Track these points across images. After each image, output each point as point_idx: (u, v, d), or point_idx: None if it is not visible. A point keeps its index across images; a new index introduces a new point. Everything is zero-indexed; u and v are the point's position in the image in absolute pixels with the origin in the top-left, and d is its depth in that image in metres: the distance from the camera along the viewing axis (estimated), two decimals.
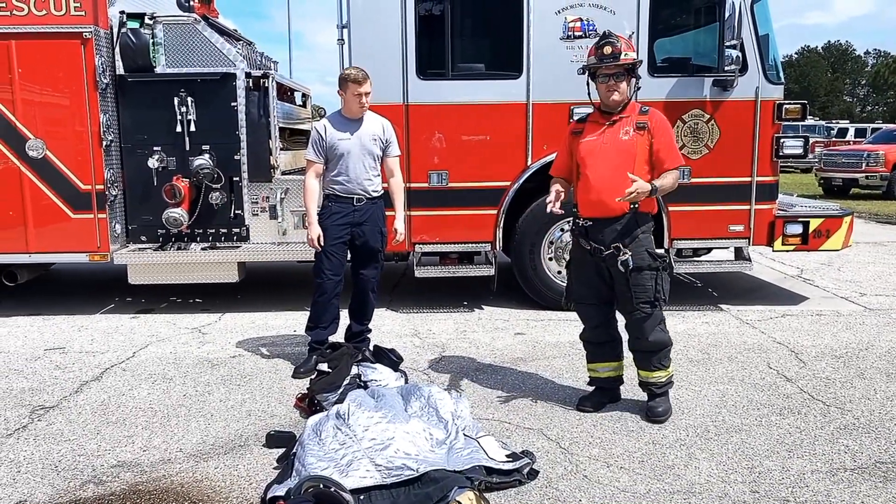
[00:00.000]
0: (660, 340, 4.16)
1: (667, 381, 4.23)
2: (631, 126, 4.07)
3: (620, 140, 4.07)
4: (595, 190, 4.08)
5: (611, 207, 4.03)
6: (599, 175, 4.07)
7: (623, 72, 4.05)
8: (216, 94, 6.47)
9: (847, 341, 5.69)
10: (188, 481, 3.49)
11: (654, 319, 4.13)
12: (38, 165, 6.33)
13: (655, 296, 4.08)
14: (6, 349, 5.70)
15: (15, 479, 3.53)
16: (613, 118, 4.12)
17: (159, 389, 4.75)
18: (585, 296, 4.32)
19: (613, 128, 4.11)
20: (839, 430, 4.01)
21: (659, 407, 4.19)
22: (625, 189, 3.88)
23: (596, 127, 4.17)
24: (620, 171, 3.98)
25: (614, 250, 4.03)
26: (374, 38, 6.32)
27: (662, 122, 4.13)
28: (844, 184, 18.39)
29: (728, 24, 6.13)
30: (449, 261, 6.78)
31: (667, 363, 4.22)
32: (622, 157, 4.04)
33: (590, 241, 4.14)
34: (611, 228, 4.07)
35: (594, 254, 4.12)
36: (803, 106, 6.55)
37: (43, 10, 6.23)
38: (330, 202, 4.98)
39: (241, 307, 6.96)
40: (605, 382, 4.40)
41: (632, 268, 4.02)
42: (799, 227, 6.66)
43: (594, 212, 4.11)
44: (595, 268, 4.19)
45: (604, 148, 4.09)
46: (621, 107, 4.12)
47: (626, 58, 4.03)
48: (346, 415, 3.51)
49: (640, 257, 4.04)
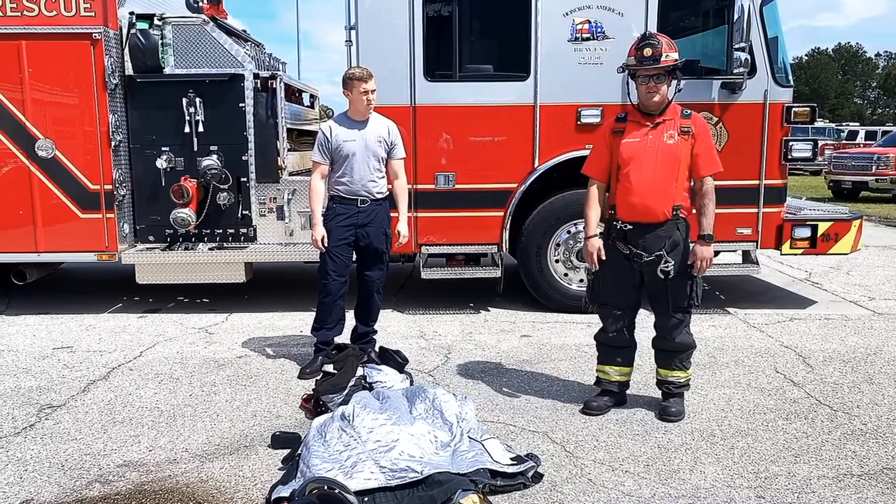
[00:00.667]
0: (685, 342, 4.20)
1: (685, 382, 4.26)
2: (675, 130, 4.01)
3: (666, 144, 4.00)
4: (638, 194, 4.01)
5: (656, 213, 3.99)
6: (644, 179, 3.99)
7: (664, 73, 3.98)
8: (224, 95, 6.49)
9: (855, 346, 5.65)
10: (193, 481, 3.50)
11: (684, 323, 4.17)
12: (48, 165, 6.37)
13: (690, 302, 4.10)
14: (15, 348, 5.73)
15: (22, 477, 3.55)
16: (657, 120, 4.05)
17: (166, 389, 4.77)
18: (613, 299, 4.25)
19: (657, 130, 4.03)
20: (846, 435, 3.99)
21: (672, 408, 4.20)
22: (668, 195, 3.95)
23: (638, 127, 4.08)
24: (665, 176, 3.97)
25: (656, 258, 3.99)
26: (381, 39, 6.33)
27: (705, 127, 4.09)
28: (854, 187, 18.28)
29: (737, 26, 6.09)
30: (455, 262, 6.78)
31: (688, 365, 4.25)
32: (667, 161, 3.99)
33: (629, 245, 4.07)
34: (653, 234, 4.02)
35: (632, 258, 4.06)
36: (812, 109, 6.52)
37: (53, 11, 6.27)
38: (334, 203, 4.99)
39: (248, 307, 6.98)
40: (614, 386, 4.36)
41: (672, 275, 4.01)
42: (807, 230, 6.63)
43: (636, 216, 4.04)
44: (629, 271, 4.13)
45: (648, 151, 4.01)
46: (662, 108, 4.06)
47: (667, 59, 3.95)
48: (350, 416, 3.52)
49: (680, 265, 4.03)
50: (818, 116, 35.14)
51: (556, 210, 6.55)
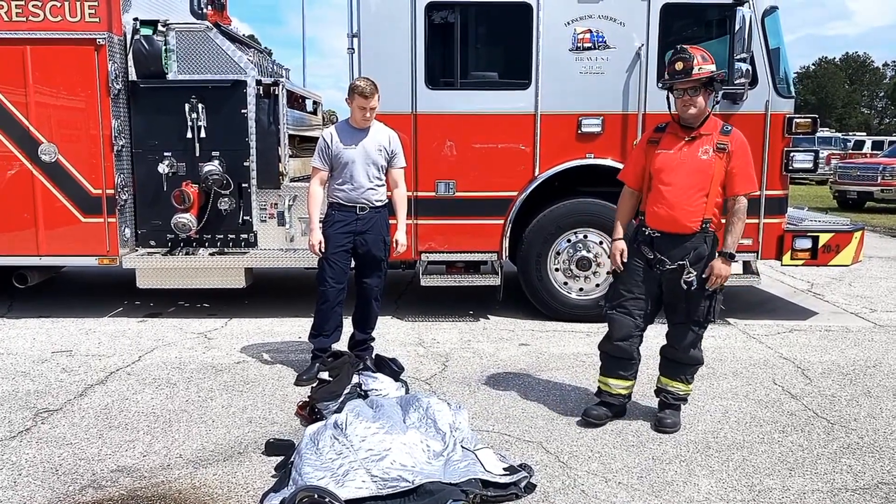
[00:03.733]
0: (695, 358, 4.20)
1: (684, 395, 4.24)
2: (711, 146, 3.97)
3: (699, 159, 3.97)
4: (667, 205, 4.01)
5: (683, 225, 3.99)
6: (674, 191, 4.00)
7: (698, 86, 3.94)
8: (227, 100, 6.52)
9: (855, 358, 5.63)
10: (186, 487, 3.51)
11: (698, 337, 4.16)
12: (50, 169, 6.41)
13: (707, 317, 4.07)
14: (14, 351, 5.75)
15: (15, 481, 3.56)
16: (693, 134, 4.02)
17: (162, 394, 4.78)
18: (626, 303, 4.20)
19: (693, 144, 4.01)
20: (842, 449, 3.97)
21: (668, 419, 4.18)
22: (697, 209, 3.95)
23: (674, 140, 4.07)
24: (695, 190, 3.96)
25: (679, 267, 3.99)
26: (383, 47, 6.36)
27: (743, 146, 4.02)
28: (859, 197, 18.20)
29: (738, 36, 6.08)
30: (455, 270, 6.79)
31: (690, 379, 4.25)
32: (698, 176, 3.97)
33: (654, 251, 4.07)
34: (680, 245, 4.01)
35: (655, 265, 4.07)
36: (814, 120, 6.50)
37: (58, 17, 6.32)
38: (333, 210, 5.00)
39: (248, 313, 6.99)
40: (615, 399, 4.31)
41: (695, 287, 3.99)
42: (808, 241, 6.61)
43: (663, 226, 4.05)
44: (649, 279, 4.12)
45: (681, 164, 4.00)
46: (701, 121, 4.03)
47: (701, 72, 3.92)
48: (343, 424, 3.52)
49: (700, 277, 3.99)
50: (824, 126, 35.06)
51: (556, 219, 6.55)
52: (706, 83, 3.96)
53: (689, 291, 4.01)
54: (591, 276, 6.61)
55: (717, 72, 4.00)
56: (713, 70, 3.97)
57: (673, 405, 4.24)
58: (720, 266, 3.96)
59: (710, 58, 4.00)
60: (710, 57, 4.01)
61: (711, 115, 4.09)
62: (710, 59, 3.99)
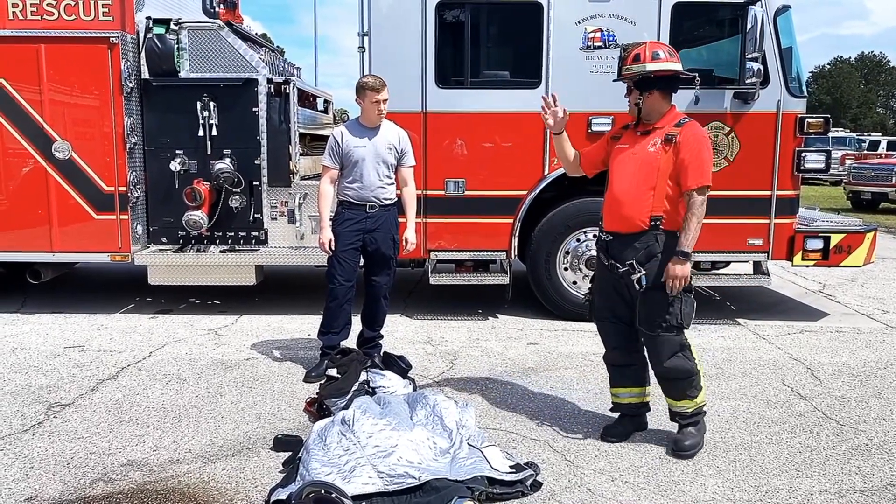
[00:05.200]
0: (678, 367, 3.86)
1: (693, 411, 3.92)
2: (660, 138, 3.80)
3: (646, 152, 3.81)
4: (616, 202, 3.88)
5: (631, 222, 3.82)
6: (621, 187, 3.87)
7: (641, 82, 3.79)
8: (238, 99, 6.56)
9: (865, 359, 5.59)
10: (195, 482, 3.54)
11: (670, 344, 3.84)
12: (64, 167, 6.47)
13: (667, 319, 3.78)
14: (28, 346, 5.82)
15: (27, 474, 3.61)
16: (648, 128, 3.88)
17: (173, 390, 4.83)
18: (604, 313, 4.11)
19: (645, 138, 3.86)
20: (851, 450, 3.95)
21: (686, 440, 3.88)
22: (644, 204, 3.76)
23: (631, 135, 3.96)
24: (641, 184, 3.78)
25: (629, 268, 3.80)
26: (394, 46, 6.38)
27: (694, 136, 3.77)
28: (873, 198, 18.04)
29: (750, 35, 6.05)
30: (464, 268, 6.80)
31: (693, 393, 3.89)
32: (645, 170, 3.79)
33: (609, 257, 3.93)
34: (629, 245, 3.83)
35: (611, 270, 3.91)
36: (826, 120, 6.47)
37: (72, 15, 6.39)
38: (343, 208, 5.03)
39: (258, 310, 7.03)
40: (628, 409, 4.13)
41: (646, 287, 3.77)
42: (819, 242, 6.57)
43: (614, 225, 3.91)
44: (613, 285, 3.97)
45: (631, 158, 3.87)
46: (659, 117, 3.86)
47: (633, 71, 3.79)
48: (350, 421, 3.54)
49: (656, 276, 3.76)
50: (839, 126, 34.65)
51: (565, 218, 6.55)
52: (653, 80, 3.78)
53: (645, 294, 3.79)
54: None
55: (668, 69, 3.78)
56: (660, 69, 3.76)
57: (684, 424, 3.94)
58: (674, 268, 3.69)
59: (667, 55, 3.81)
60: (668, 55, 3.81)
61: (673, 111, 3.90)
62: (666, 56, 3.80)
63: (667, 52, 3.85)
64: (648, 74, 3.79)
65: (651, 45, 3.88)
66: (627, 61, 3.85)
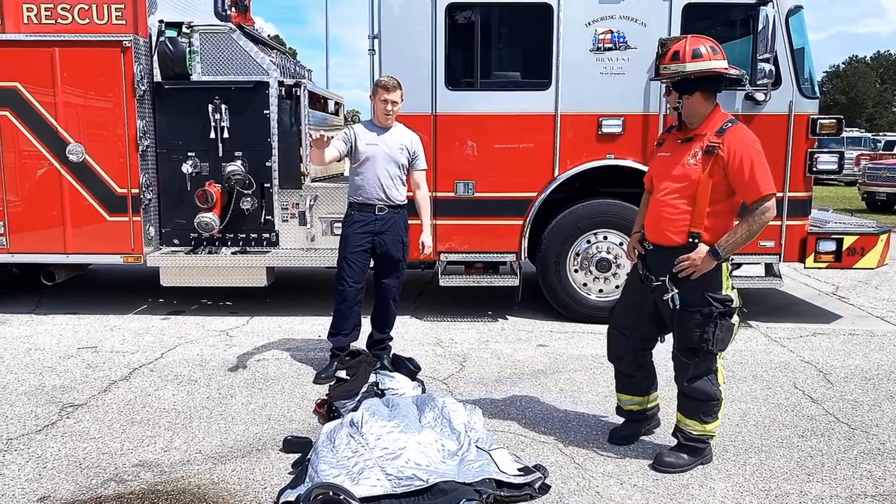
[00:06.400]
0: (701, 390, 3.62)
1: (697, 435, 3.70)
2: (701, 148, 3.53)
3: (686, 163, 3.56)
4: (655, 213, 3.70)
5: (665, 235, 3.63)
6: (660, 198, 3.67)
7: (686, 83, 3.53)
8: (249, 101, 6.60)
9: (879, 362, 5.54)
10: (205, 483, 3.57)
11: (699, 368, 3.60)
12: (78, 169, 6.54)
13: (701, 344, 3.53)
14: (42, 346, 5.88)
15: (41, 474, 3.65)
16: (690, 134, 3.63)
17: (184, 391, 4.86)
18: (619, 320, 3.97)
19: (686, 147, 3.61)
20: (863, 454, 3.92)
21: (670, 458, 3.71)
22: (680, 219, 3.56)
23: (673, 141, 3.73)
24: (678, 197, 3.58)
25: (662, 284, 3.62)
26: (404, 48, 6.39)
27: (739, 146, 3.46)
28: (889, 199, 17.87)
29: (761, 36, 6.02)
30: (474, 270, 6.81)
31: (706, 419, 3.67)
32: (684, 182, 3.56)
33: (645, 266, 3.78)
34: (667, 260, 3.61)
35: (644, 281, 3.75)
36: (838, 121, 6.42)
37: (86, 19, 6.47)
38: (353, 210, 5.05)
39: (269, 311, 7.07)
40: (630, 415, 4.08)
41: (678, 307, 3.58)
42: (832, 243, 6.52)
43: (653, 236, 3.73)
44: (641, 296, 3.81)
45: (671, 168, 3.64)
46: (700, 121, 3.61)
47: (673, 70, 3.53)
48: (359, 423, 3.56)
49: (691, 297, 3.54)
50: (854, 126, 34.16)
51: (575, 219, 6.53)
52: (699, 80, 3.51)
53: (676, 313, 3.60)
54: (611, 277, 6.59)
55: (712, 69, 3.49)
56: (708, 68, 3.49)
57: (684, 445, 3.74)
58: (695, 256, 3.49)
59: (713, 53, 3.51)
60: (711, 52, 3.51)
61: (716, 113, 3.61)
62: (710, 54, 3.50)
63: (709, 48, 3.53)
64: (689, 76, 3.53)
65: (692, 40, 3.56)
66: (665, 59, 3.58)
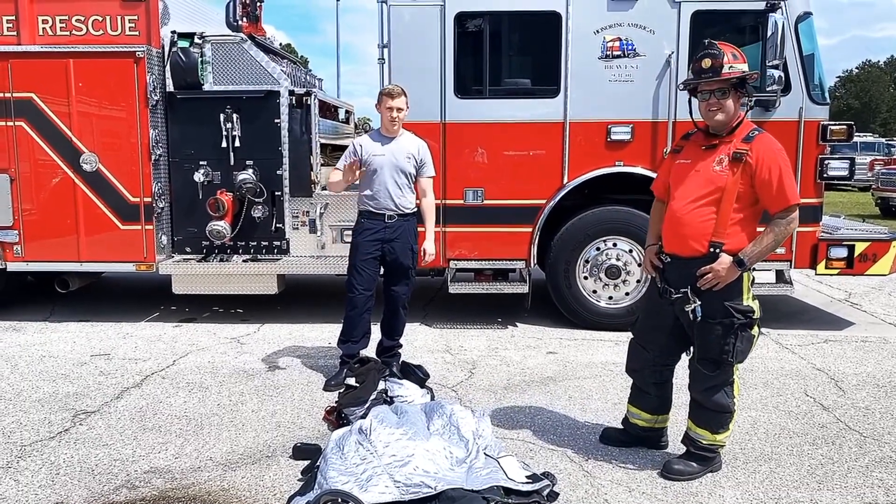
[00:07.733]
0: (716, 402, 3.62)
1: (707, 444, 3.69)
2: (728, 155, 3.50)
3: (712, 170, 3.52)
4: (674, 222, 3.64)
5: (687, 245, 3.57)
6: (681, 206, 3.60)
7: (727, 88, 3.51)
8: (260, 111, 6.66)
9: (891, 370, 5.50)
10: (215, 489, 3.60)
11: (717, 380, 3.60)
12: (91, 178, 6.62)
13: (722, 356, 3.52)
14: (55, 354, 5.94)
15: (54, 480, 3.69)
16: (714, 141, 3.59)
17: (195, 398, 4.90)
18: (641, 334, 3.95)
19: (711, 153, 3.57)
20: (874, 462, 3.89)
21: (679, 466, 3.70)
22: (703, 227, 3.51)
23: (694, 149, 3.68)
24: (703, 205, 3.52)
25: (683, 296, 3.58)
26: (413, 56, 6.44)
27: (767, 153, 3.45)
28: None
29: (771, 42, 6.00)
30: (483, 277, 6.82)
31: (717, 429, 3.67)
32: (708, 190, 3.52)
33: (664, 279, 3.72)
34: (687, 271, 3.57)
35: (663, 294, 3.70)
36: (849, 127, 6.39)
37: (100, 31, 6.55)
38: (363, 218, 5.09)
39: (280, 318, 7.11)
40: (633, 428, 4.05)
41: (700, 319, 3.55)
42: (844, 250, 6.49)
43: (672, 247, 3.68)
44: (661, 309, 3.76)
45: (694, 175, 3.59)
46: (730, 128, 3.58)
47: (730, 71, 3.48)
48: (368, 430, 3.57)
49: (712, 308, 3.52)
50: (868, 131, 33.79)
51: (585, 226, 6.54)
52: (736, 85, 3.53)
53: (697, 325, 3.57)
54: (621, 284, 6.58)
55: (749, 72, 3.56)
56: (745, 70, 3.53)
57: (693, 454, 3.72)
58: (719, 266, 3.46)
59: (742, 56, 3.58)
60: (742, 55, 3.58)
61: (746, 121, 3.62)
62: (741, 57, 3.56)
63: (738, 54, 3.59)
64: (748, 77, 3.55)
65: (728, 45, 3.58)
66: (724, 62, 3.50)
